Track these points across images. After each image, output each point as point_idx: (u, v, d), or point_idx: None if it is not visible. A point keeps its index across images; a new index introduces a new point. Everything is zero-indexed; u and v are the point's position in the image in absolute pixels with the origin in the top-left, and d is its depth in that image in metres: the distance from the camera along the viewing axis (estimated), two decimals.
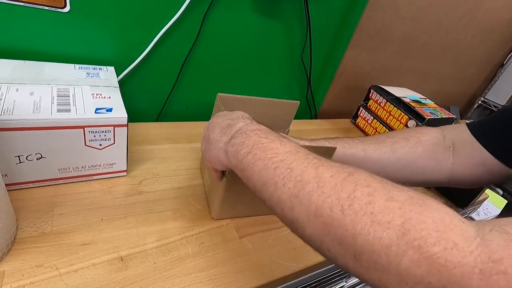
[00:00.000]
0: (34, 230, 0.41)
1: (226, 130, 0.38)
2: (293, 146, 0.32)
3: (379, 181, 0.25)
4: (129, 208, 0.49)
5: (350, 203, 0.24)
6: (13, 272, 0.36)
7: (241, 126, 0.37)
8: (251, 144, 0.33)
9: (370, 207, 0.23)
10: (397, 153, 0.50)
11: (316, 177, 0.27)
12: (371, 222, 0.22)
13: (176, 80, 0.74)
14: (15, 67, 0.50)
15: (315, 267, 0.50)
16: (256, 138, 0.33)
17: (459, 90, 1.55)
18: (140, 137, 0.65)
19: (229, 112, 0.44)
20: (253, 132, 0.34)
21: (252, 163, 0.32)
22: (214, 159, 0.39)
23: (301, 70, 0.91)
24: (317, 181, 0.26)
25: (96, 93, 0.50)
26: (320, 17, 0.83)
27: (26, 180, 0.46)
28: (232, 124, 0.38)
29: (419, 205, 0.22)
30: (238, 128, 0.37)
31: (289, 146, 0.31)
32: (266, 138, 0.33)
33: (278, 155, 0.30)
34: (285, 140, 0.33)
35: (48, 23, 0.56)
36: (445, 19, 1.10)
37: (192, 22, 0.68)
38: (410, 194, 0.23)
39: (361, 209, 0.23)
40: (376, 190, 0.24)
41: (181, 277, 0.41)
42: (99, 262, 0.40)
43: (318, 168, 0.27)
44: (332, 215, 0.24)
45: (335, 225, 0.24)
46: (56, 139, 0.44)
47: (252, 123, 0.38)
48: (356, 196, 0.24)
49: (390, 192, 0.23)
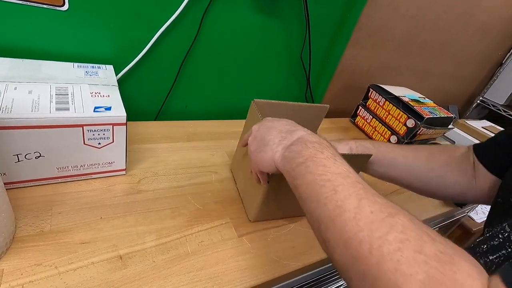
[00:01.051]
0: (33, 229, 0.41)
1: (286, 135, 0.39)
2: (346, 169, 0.32)
3: (417, 228, 0.25)
4: (128, 206, 0.49)
5: (380, 244, 0.24)
6: (12, 270, 0.36)
7: (302, 134, 0.38)
8: (307, 155, 0.34)
9: (398, 254, 0.23)
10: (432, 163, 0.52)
11: (356, 208, 0.27)
12: (395, 270, 0.22)
13: (175, 79, 0.74)
14: (13, 65, 0.50)
15: (314, 266, 0.51)
16: (313, 150, 0.34)
17: (458, 89, 1.55)
18: (139, 136, 0.65)
19: (278, 118, 0.45)
20: (311, 144, 0.35)
21: (303, 175, 0.33)
22: (266, 161, 0.39)
23: (300, 69, 0.91)
24: (356, 213, 0.26)
25: (95, 91, 0.50)
26: (319, 15, 0.82)
27: (24, 179, 0.46)
28: (293, 131, 0.39)
29: (446, 263, 0.22)
30: (300, 136, 0.38)
31: (342, 168, 0.32)
32: (322, 153, 0.33)
33: (328, 174, 0.31)
34: (339, 161, 0.33)
35: (47, 22, 0.55)
36: (444, 18, 1.10)
37: (191, 20, 0.68)
38: (442, 248, 0.23)
39: (388, 254, 0.23)
40: (409, 239, 0.23)
41: (180, 275, 0.41)
42: (98, 260, 0.40)
43: (362, 200, 0.27)
44: (359, 250, 0.24)
45: (360, 261, 0.24)
46: (55, 137, 0.43)
47: (313, 134, 0.38)
48: (387, 239, 0.24)
49: (422, 244, 0.23)
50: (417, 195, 0.55)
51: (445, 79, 1.41)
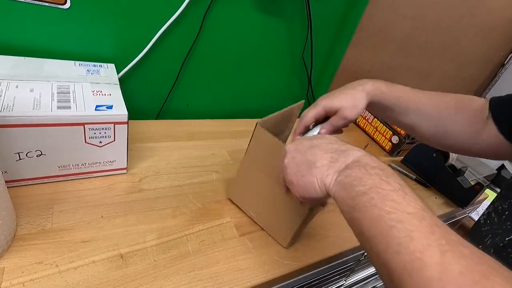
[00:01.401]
0: (34, 227, 0.41)
1: (338, 157, 0.34)
2: (419, 206, 0.27)
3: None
4: (129, 205, 0.48)
5: None
6: (13, 269, 0.36)
7: (358, 156, 0.33)
8: (369, 184, 0.29)
9: None
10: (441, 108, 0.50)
11: (441, 265, 0.23)
12: None
13: (177, 78, 0.74)
14: (15, 63, 0.50)
15: (314, 266, 0.50)
16: (376, 179, 0.29)
17: (459, 90, 1.55)
18: (140, 135, 0.65)
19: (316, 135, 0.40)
20: (373, 170, 0.30)
21: (366, 207, 0.28)
22: (314, 186, 0.34)
23: (301, 69, 0.91)
24: (441, 271, 0.22)
25: (96, 90, 0.50)
26: (321, 15, 0.82)
27: (26, 177, 0.46)
28: (344, 150, 0.34)
29: None
30: (356, 157, 0.33)
31: (414, 205, 0.27)
32: (388, 184, 0.29)
33: (398, 213, 0.26)
34: (410, 194, 0.28)
35: (48, 20, 0.55)
36: (446, 18, 1.10)
37: (192, 19, 0.67)
38: None
39: None
40: None
41: (181, 274, 0.41)
42: (99, 259, 0.40)
43: (445, 253, 0.23)
44: None
45: None
46: (56, 136, 0.43)
47: (370, 156, 0.33)
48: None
49: None
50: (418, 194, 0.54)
51: (447, 80, 1.40)
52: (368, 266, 0.78)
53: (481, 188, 0.75)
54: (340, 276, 0.69)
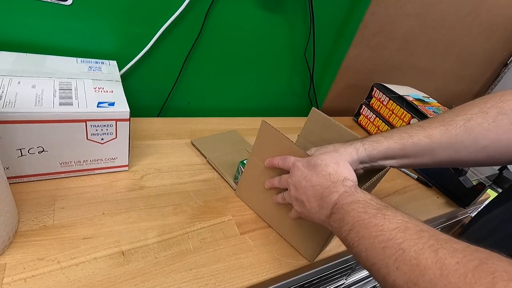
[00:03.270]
0: (35, 223, 0.41)
1: (323, 204, 0.36)
2: (400, 220, 0.28)
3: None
4: (131, 202, 0.48)
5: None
6: (15, 265, 0.36)
7: (336, 199, 0.35)
8: (351, 221, 0.31)
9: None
10: (474, 132, 0.40)
11: (438, 263, 0.23)
12: None
13: (178, 75, 0.74)
14: (17, 59, 0.50)
15: (316, 264, 0.50)
16: (354, 214, 0.31)
17: (462, 89, 1.54)
18: (142, 132, 0.65)
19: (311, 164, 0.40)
20: (350, 207, 0.32)
21: (357, 242, 0.30)
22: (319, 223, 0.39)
23: (304, 67, 0.91)
24: (440, 268, 0.23)
25: (98, 87, 0.50)
26: (324, 13, 0.82)
27: (27, 173, 0.46)
28: (326, 196, 0.36)
29: None
30: (334, 202, 0.35)
31: (395, 221, 0.28)
32: (366, 213, 0.31)
33: (384, 233, 0.28)
34: (388, 213, 0.30)
35: (50, 16, 0.55)
36: (449, 17, 1.10)
37: (195, 16, 0.67)
38: None
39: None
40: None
41: (182, 272, 0.41)
42: (100, 256, 0.40)
43: (438, 251, 0.24)
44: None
45: None
46: (58, 132, 0.43)
47: (346, 191, 0.35)
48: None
49: None
50: (418, 195, 0.53)
51: (449, 79, 1.40)
52: None
53: (483, 188, 0.74)
54: (341, 275, 0.69)
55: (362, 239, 0.29)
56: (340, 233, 0.33)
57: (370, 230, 0.29)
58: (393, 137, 0.44)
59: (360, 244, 0.29)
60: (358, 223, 0.30)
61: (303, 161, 0.41)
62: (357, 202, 0.33)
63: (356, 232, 0.30)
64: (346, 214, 0.32)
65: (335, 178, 0.37)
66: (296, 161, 0.42)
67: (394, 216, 0.29)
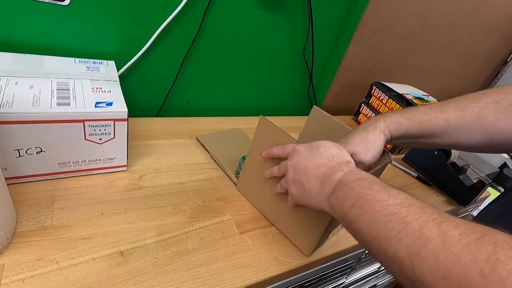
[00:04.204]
0: (33, 224, 0.41)
1: (325, 182, 0.36)
2: (404, 197, 0.29)
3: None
4: (129, 203, 0.48)
5: (492, 267, 0.20)
6: (13, 265, 0.36)
7: (340, 177, 0.35)
8: (354, 196, 0.31)
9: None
10: (486, 121, 0.42)
11: (441, 234, 0.24)
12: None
13: (177, 75, 0.74)
14: (14, 60, 0.50)
15: (315, 264, 0.50)
16: (359, 190, 0.31)
17: (462, 88, 1.54)
18: (141, 132, 0.65)
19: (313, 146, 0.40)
20: (355, 183, 0.33)
21: (359, 216, 0.30)
22: (316, 207, 0.38)
23: (303, 66, 0.91)
24: (443, 239, 0.23)
25: (96, 87, 0.49)
26: (322, 12, 0.82)
27: (25, 174, 0.45)
28: (329, 175, 0.36)
29: None
30: (339, 179, 0.35)
31: (399, 197, 0.29)
32: (371, 189, 0.31)
33: (388, 207, 0.28)
34: (393, 190, 0.30)
35: (48, 16, 0.55)
36: (449, 16, 1.09)
37: (193, 16, 0.67)
38: None
39: (509, 276, 0.20)
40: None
41: (181, 272, 0.41)
42: (99, 256, 0.40)
43: (441, 224, 0.24)
44: (469, 280, 0.21)
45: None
46: (56, 133, 0.43)
47: (351, 170, 0.35)
48: (498, 259, 0.21)
49: None
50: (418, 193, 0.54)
51: (449, 78, 1.39)
52: (368, 264, 0.78)
53: (483, 186, 0.74)
54: (341, 274, 0.69)
55: (365, 214, 0.29)
56: (341, 210, 0.33)
57: (374, 205, 0.29)
58: (414, 119, 0.46)
59: (363, 219, 0.30)
60: (362, 198, 0.30)
61: (305, 145, 0.42)
62: (363, 179, 0.33)
63: (359, 207, 0.30)
64: (350, 190, 0.32)
65: (339, 160, 0.38)
66: (296, 145, 0.42)
67: (398, 193, 0.29)
